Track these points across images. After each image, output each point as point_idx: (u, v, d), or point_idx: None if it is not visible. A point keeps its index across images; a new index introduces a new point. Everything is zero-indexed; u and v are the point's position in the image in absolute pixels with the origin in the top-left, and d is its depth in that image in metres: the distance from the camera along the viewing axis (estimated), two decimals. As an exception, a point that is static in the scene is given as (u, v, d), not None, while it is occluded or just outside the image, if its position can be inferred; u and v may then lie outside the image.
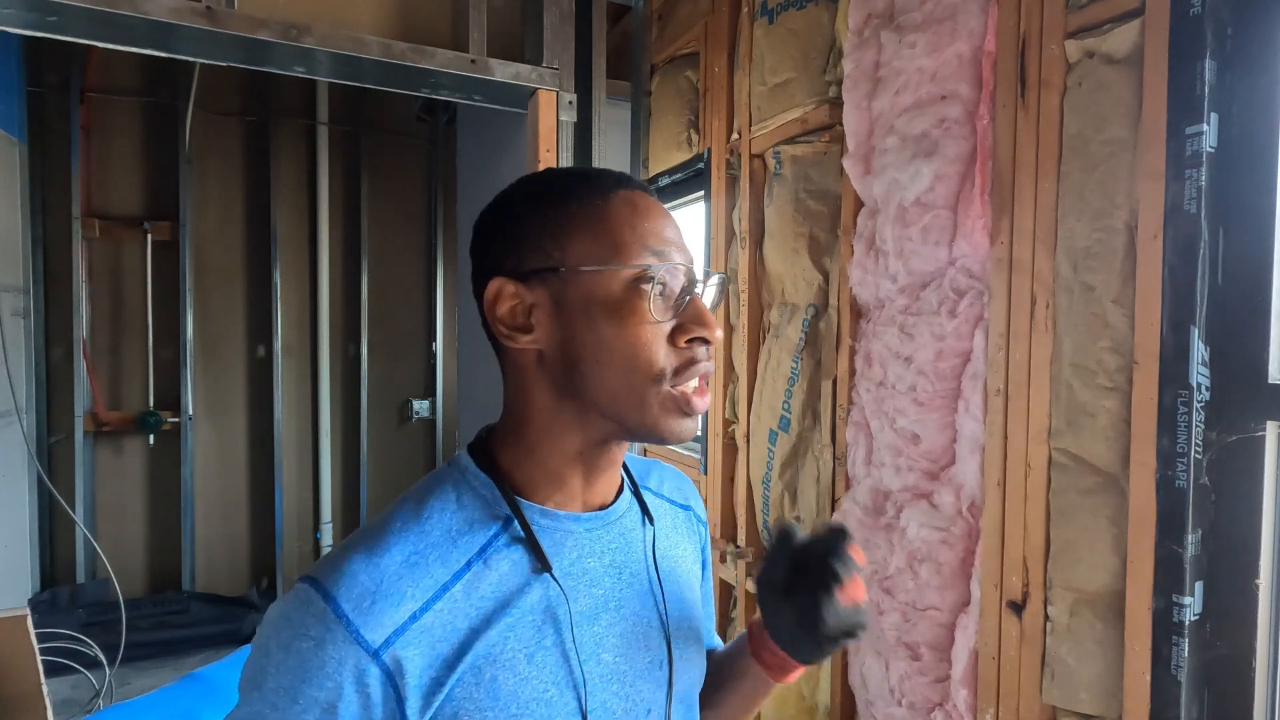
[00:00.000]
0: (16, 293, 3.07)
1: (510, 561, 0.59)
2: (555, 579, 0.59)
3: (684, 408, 0.59)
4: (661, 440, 0.60)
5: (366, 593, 0.53)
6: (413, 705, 0.53)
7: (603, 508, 0.66)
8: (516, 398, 0.63)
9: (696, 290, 0.61)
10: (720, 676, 0.79)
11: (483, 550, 0.58)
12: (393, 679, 0.52)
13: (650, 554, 0.68)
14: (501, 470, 0.62)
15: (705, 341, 0.60)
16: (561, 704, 0.58)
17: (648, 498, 0.73)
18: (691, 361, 0.59)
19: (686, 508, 0.79)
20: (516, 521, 0.60)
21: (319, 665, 0.51)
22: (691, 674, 0.70)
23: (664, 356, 0.58)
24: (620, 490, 0.69)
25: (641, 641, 0.65)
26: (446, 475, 0.63)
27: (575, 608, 0.60)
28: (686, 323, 0.59)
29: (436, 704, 0.53)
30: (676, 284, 0.60)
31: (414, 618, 0.53)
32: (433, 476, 0.63)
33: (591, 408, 0.60)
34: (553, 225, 0.60)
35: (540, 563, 0.59)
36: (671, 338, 0.59)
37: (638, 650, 0.64)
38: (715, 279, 0.64)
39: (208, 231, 3.63)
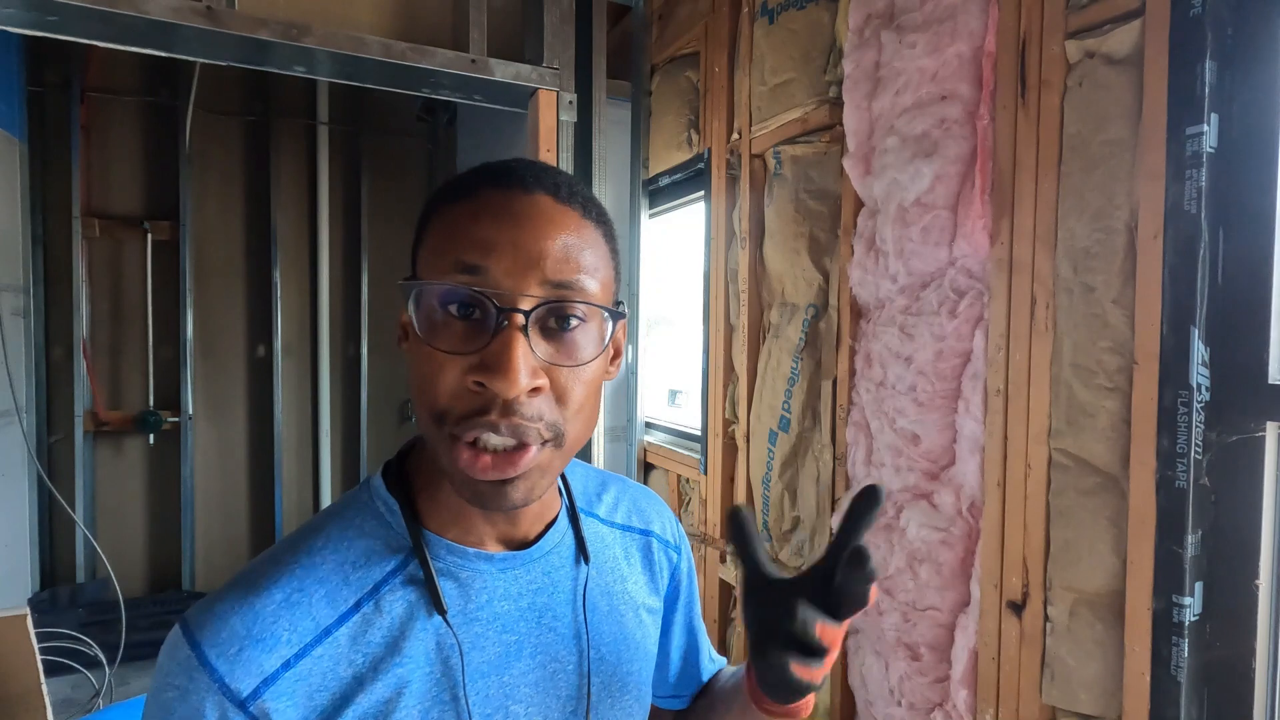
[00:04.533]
0: (16, 292, 3.07)
1: (406, 602, 0.52)
2: (449, 624, 0.53)
3: (463, 457, 0.48)
4: (468, 500, 0.51)
5: (235, 637, 0.47)
6: None
7: (525, 542, 0.58)
8: None
9: (515, 323, 0.47)
10: (714, 702, 0.73)
11: (376, 588, 0.52)
12: None
13: (580, 596, 0.60)
14: (411, 495, 0.56)
15: (493, 390, 0.47)
16: None
17: (591, 526, 0.65)
18: (477, 410, 0.47)
19: (645, 533, 0.69)
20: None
21: (183, 718, 0.47)
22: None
23: (448, 395, 0.48)
24: (554, 521, 0.61)
25: (561, 690, 0.57)
26: (354, 498, 0.57)
27: (480, 656, 0.54)
28: (480, 361, 0.47)
29: None
30: (490, 313, 0.48)
31: (287, 665, 0.48)
32: (342, 498, 0.57)
33: None
34: (421, 236, 0.54)
35: (435, 605, 0.52)
36: (465, 377, 0.48)
37: (554, 700, 0.57)
38: (538, 310, 0.48)
39: (208, 231, 3.63)
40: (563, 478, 0.65)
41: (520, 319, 0.47)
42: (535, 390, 0.48)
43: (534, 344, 0.48)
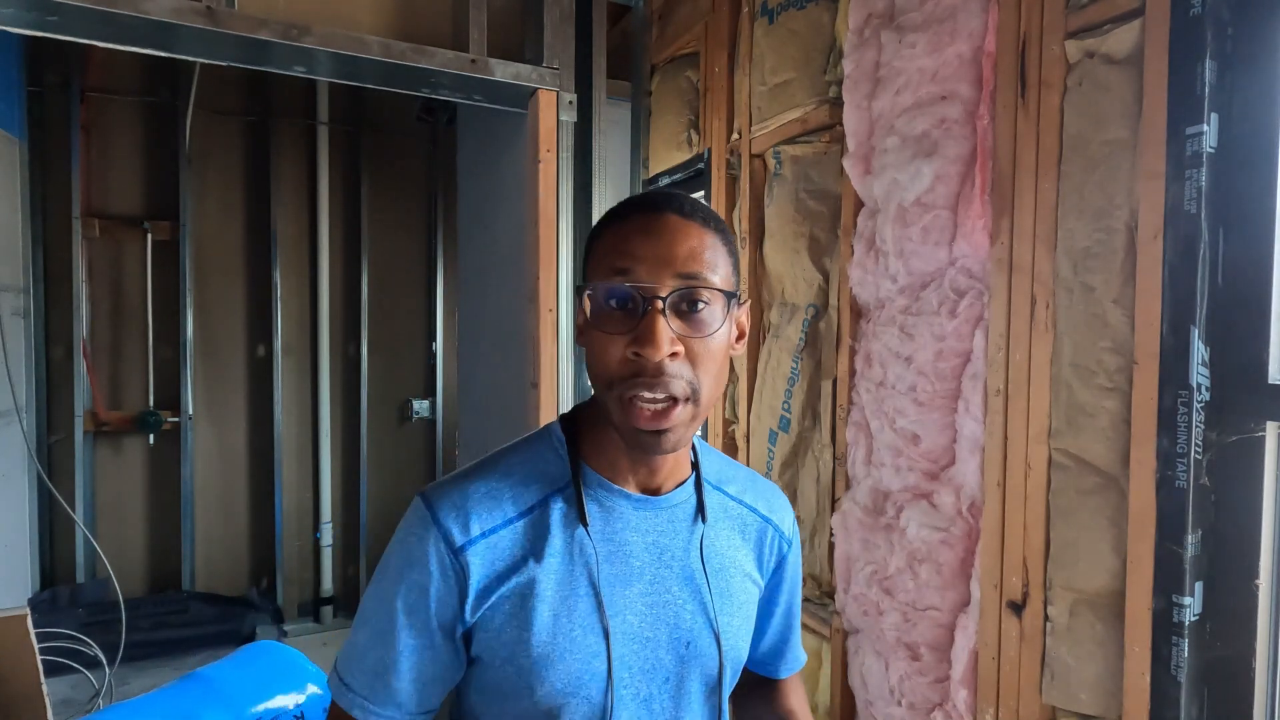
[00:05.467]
0: (16, 293, 3.07)
1: (561, 513, 0.70)
2: (589, 535, 0.70)
3: (631, 413, 0.65)
4: (629, 447, 0.68)
5: (454, 506, 0.68)
6: (470, 601, 0.67)
7: (658, 493, 0.74)
8: None
9: (656, 307, 0.64)
10: None
11: (545, 500, 0.71)
12: (463, 575, 0.67)
13: (698, 548, 0.75)
14: (578, 439, 0.74)
15: (645, 357, 0.64)
16: (584, 643, 0.68)
17: (717, 497, 0.79)
18: (635, 373, 0.64)
19: (765, 519, 0.83)
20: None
21: (420, 555, 0.67)
22: (730, 669, 0.76)
23: (615, 365, 0.65)
24: (683, 484, 0.76)
25: (670, 618, 0.72)
26: (539, 435, 0.76)
27: (609, 568, 0.70)
28: (634, 336, 0.64)
29: (485, 606, 0.67)
30: (638, 301, 0.65)
31: (484, 535, 0.68)
32: (532, 434, 0.77)
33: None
34: (591, 249, 0.72)
35: (580, 518, 0.70)
36: (626, 349, 0.65)
37: (663, 623, 0.72)
38: (672, 296, 0.65)
39: (208, 231, 3.62)
40: (696, 455, 0.79)
41: (659, 304, 0.64)
42: (674, 355, 0.64)
43: (670, 322, 0.64)
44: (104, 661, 2.57)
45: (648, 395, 0.64)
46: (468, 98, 2.10)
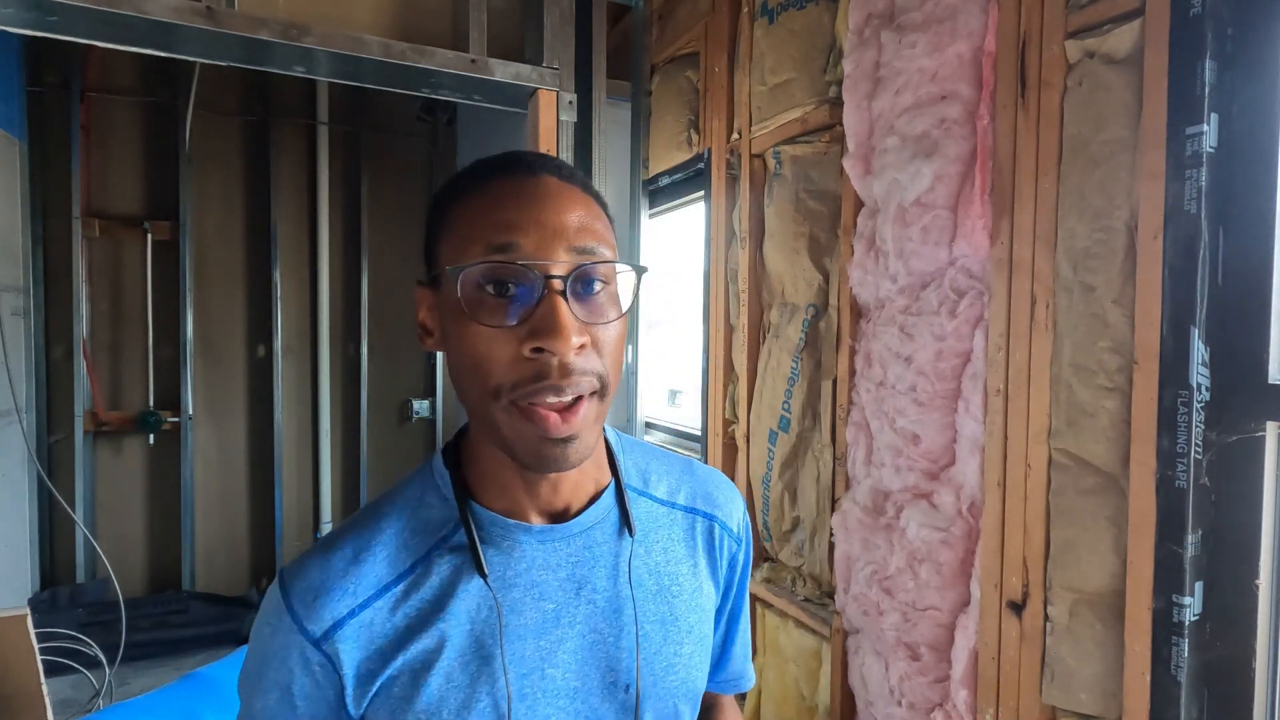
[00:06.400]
0: (16, 292, 3.07)
1: (452, 566, 0.58)
2: (490, 588, 0.58)
3: (537, 425, 0.52)
4: (525, 466, 0.55)
5: (312, 588, 0.56)
6: (349, 692, 0.56)
7: (566, 514, 0.61)
8: None
9: (555, 288, 0.52)
10: None
11: (429, 553, 0.59)
12: (334, 665, 0.56)
13: (626, 571, 0.62)
14: (462, 472, 0.61)
15: (550, 352, 0.51)
16: (494, 715, 0.56)
17: (644, 505, 0.66)
18: (536, 376, 0.51)
19: (709, 517, 0.69)
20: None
21: (274, 651, 0.57)
22: (672, 701, 0.64)
23: (504, 368, 0.52)
24: (599, 496, 0.63)
25: (601, 660, 0.60)
26: (419, 474, 0.63)
27: (518, 620, 0.58)
28: (531, 328, 0.51)
29: (371, 693, 0.56)
30: (530, 283, 0.52)
31: (353, 614, 0.56)
32: (413, 472, 0.64)
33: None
34: (442, 226, 0.57)
35: (477, 568, 0.57)
36: (521, 346, 0.52)
37: (595, 669, 0.60)
38: (571, 276, 0.52)
39: (208, 231, 3.62)
40: (611, 456, 0.66)
41: (559, 284, 0.52)
42: (581, 347, 0.52)
43: (572, 307, 0.52)
44: (104, 661, 2.57)
45: (553, 400, 0.52)
46: (468, 98, 2.10)
